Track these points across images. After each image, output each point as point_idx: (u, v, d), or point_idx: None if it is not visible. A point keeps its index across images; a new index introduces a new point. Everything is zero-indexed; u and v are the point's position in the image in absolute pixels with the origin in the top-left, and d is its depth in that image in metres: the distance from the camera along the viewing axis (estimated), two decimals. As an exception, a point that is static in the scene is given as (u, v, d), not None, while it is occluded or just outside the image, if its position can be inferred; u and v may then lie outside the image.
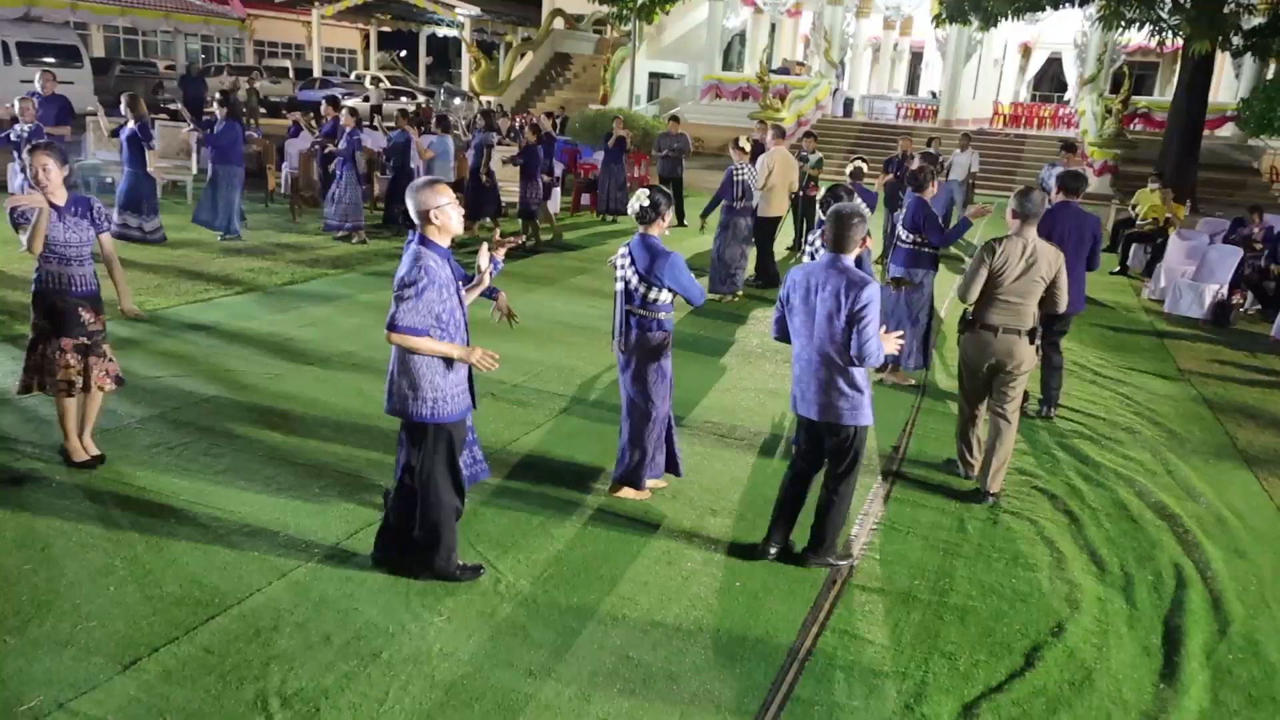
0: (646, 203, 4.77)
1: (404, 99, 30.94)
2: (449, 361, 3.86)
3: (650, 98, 31.50)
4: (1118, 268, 13.41)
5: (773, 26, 34.27)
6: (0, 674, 3.32)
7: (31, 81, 11.55)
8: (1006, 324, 5.25)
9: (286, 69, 35.87)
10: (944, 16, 20.85)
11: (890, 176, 12.80)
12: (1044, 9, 19.35)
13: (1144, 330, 10.05)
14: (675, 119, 15.27)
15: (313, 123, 14.67)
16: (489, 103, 27.40)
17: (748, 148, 9.88)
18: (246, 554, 4.22)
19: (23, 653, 3.45)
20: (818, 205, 6.18)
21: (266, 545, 4.31)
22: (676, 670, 3.65)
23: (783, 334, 4.48)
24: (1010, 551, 4.80)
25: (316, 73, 35.77)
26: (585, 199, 15.83)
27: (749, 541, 4.68)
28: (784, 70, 30.34)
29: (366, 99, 29.71)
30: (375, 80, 34.58)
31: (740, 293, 9.96)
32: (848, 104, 29.79)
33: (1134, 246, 13.56)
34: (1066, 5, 19.03)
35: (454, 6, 34.39)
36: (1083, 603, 4.34)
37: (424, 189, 3.82)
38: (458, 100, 30.94)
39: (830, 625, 4.03)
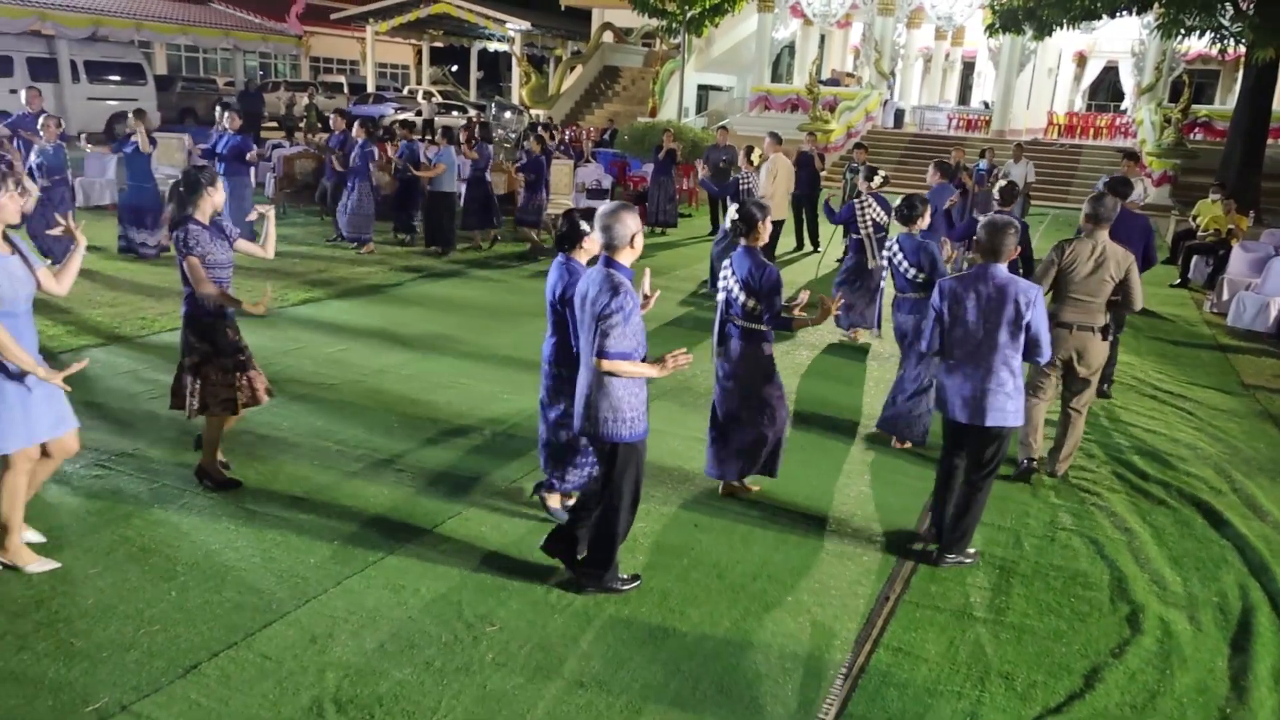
0: (736, 216, 4.95)
1: (454, 113, 31.35)
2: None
3: (699, 109, 31.54)
4: (1178, 280, 13.09)
5: (822, 38, 34.12)
6: (67, 675, 3.42)
7: (99, 100, 11.84)
8: (1080, 321, 5.54)
9: (341, 84, 36.57)
10: (997, 26, 20.57)
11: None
12: (1100, 17, 19.01)
13: (1206, 344, 9.79)
14: (724, 129, 15.27)
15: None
16: (538, 116, 27.66)
17: (755, 159, 10.38)
18: (303, 562, 4.29)
19: (88, 655, 3.54)
20: (893, 213, 6.29)
21: (322, 554, 4.38)
22: (727, 684, 3.63)
23: (937, 345, 4.65)
24: (1069, 570, 4.70)
25: (370, 88, 36.41)
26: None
27: (799, 554, 4.65)
28: (833, 81, 30.18)
29: (419, 113, 30.15)
30: (427, 95, 35.08)
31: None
32: (898, 115, 29.55)
33: (1195, 258, 13.21)
34: (1124, 13, 18.67)
35: (505, 21, 34.73)
36: (1145, 624, 4.24)
37: (621, 214, 3.88)
38: (508, 114, 31.24)
39: (884, 642, 3.97)
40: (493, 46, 43.06)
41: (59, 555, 4.19)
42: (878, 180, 8.67)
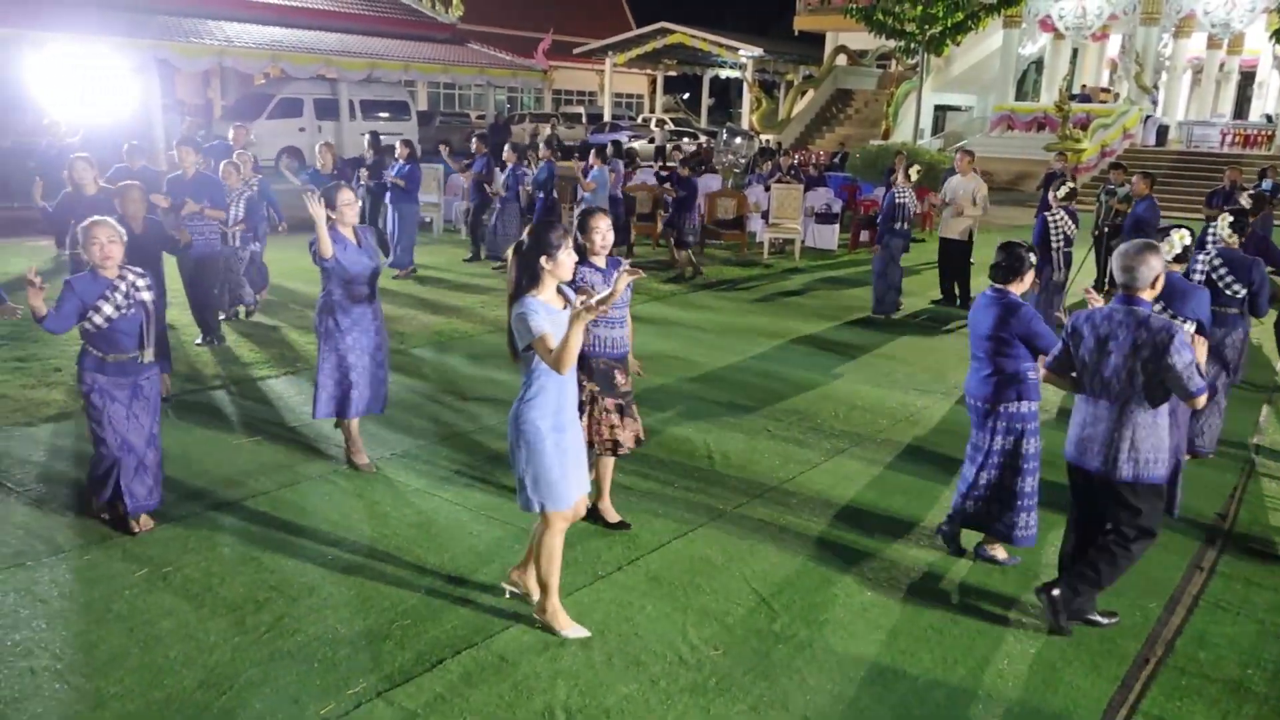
0: (1179, 250, 4.92)
1: (686, 139, 32.07)
2: None
3: (935, 131, 30.46)
4: None
5: (1074, 52, 32.04)
6: (333, 658, 3.75)
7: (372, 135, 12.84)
8: None
9: (580, 115, 38.37)
10: (1285, 30, 18.50)
11: (1215, 211, 11.48)
12: None
13: None
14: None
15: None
16: (768, 141, 27.70)
17: (914, 175, 10.28)
18: (537, 570, 4.48)
19: (350, 642, 3.87)
20: (1206, 233, 6.07)
21: (555, 564, 4.56)
22: (962, 737, 3.43)
23: None
24: (1373, 648, 4.09)
25: (607, 117, 37.96)
26: (864, 235, 15.56)
27: (1037, 603, 4.33)
28: (1085, 98, 28.21)
29: (652, 140, 31.11)
30: (660, 123, 36.12)
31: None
32: (1161, 131, 27.15)
33: None
34: None
35: (738, 49, 35.17)
36: None
37: (1146, 254, 3.86)
38: (739, 139, 31.59)
39: (1142, 709, 3.62)
40: (724, 73, 43.70)
41: (332, 548, 4.62)
42: (1064, 191, 8.70)
